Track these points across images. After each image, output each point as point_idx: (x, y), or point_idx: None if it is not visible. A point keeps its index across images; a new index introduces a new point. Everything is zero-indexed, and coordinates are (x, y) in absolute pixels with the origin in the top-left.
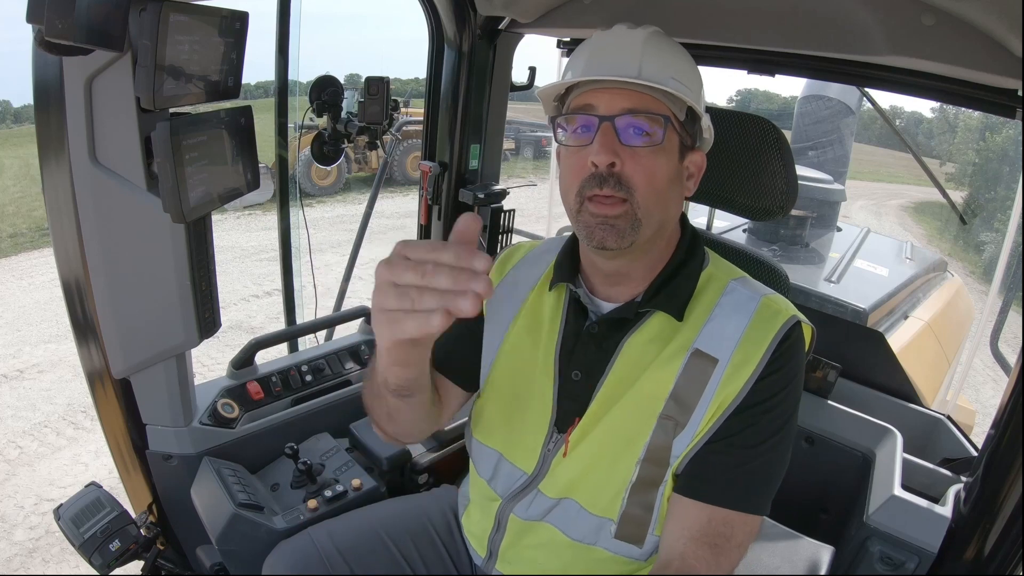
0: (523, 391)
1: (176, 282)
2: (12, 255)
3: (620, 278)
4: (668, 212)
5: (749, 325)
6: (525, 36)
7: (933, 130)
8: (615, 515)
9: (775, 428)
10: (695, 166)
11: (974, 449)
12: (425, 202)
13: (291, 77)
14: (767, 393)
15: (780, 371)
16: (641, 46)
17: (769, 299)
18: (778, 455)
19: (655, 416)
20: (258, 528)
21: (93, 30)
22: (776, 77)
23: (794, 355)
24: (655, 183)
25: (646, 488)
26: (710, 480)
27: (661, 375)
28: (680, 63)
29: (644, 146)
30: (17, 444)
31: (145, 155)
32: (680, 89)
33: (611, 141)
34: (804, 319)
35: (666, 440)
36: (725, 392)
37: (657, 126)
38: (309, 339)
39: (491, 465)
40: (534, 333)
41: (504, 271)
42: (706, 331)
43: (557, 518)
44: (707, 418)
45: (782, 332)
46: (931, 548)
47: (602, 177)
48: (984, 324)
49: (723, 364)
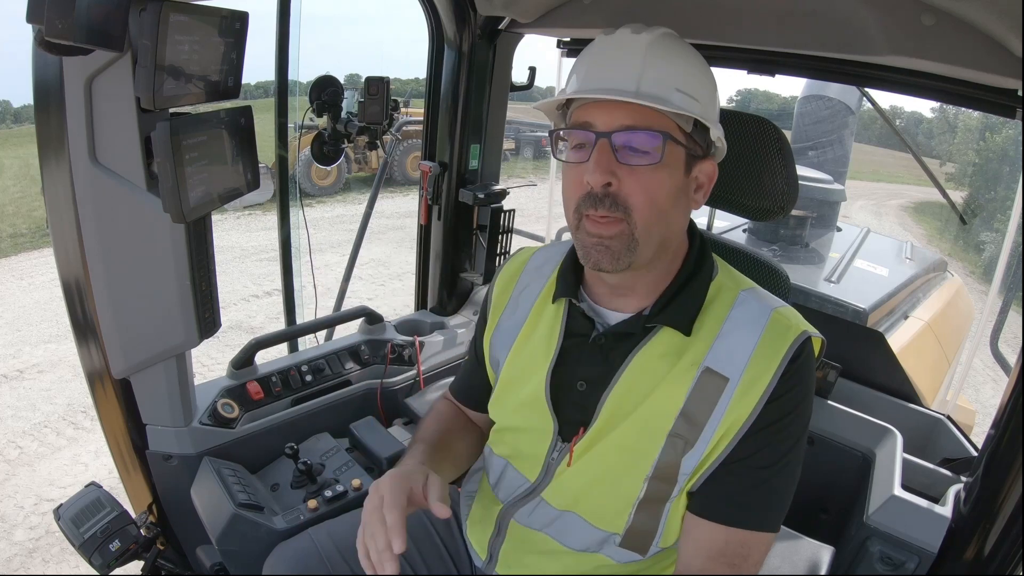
0: (524, 403)
1: (176, 282)
2: (12, 255)
3: (625, 290)
4: (671, 228)
5: (760, 342)
6: (525, 36)
7: (933, 130)
8: (620, 529)
9: (788, 447)
10: (705, 176)
11: (974, 449)
12: (425, 202)
13: (291, 77)
14: (779, 413)
15: (792, 391)
16: (643, 55)
17: (780, 313)
18: (791, 471)
19: (664, 434)
20: (258, 528)
21: (93, 30)
22: (776, 77)
23: (805, 374)
24: (655, 202)
25: (653, 504)
26: (727, 501)
27: (671, 392)
28: (688, 70)
29: (643, 164)
30: (17, 444)
31: (145, 155)
32: (684, 102)
33: (607, 160)
34: (814, 332)
35: (675, 458)
36: (736, 413)
37: (657, 143)
38: (309, 339)
39: (498, 472)
40: (535, 344)
41: (506, 297)
42: (717, 347)
43: (558, 530)
44: (717, 437)
45: (792, 349)
46: (931, 548)
47: (597, 198)
48: (984, 324)
49: (734, 383)
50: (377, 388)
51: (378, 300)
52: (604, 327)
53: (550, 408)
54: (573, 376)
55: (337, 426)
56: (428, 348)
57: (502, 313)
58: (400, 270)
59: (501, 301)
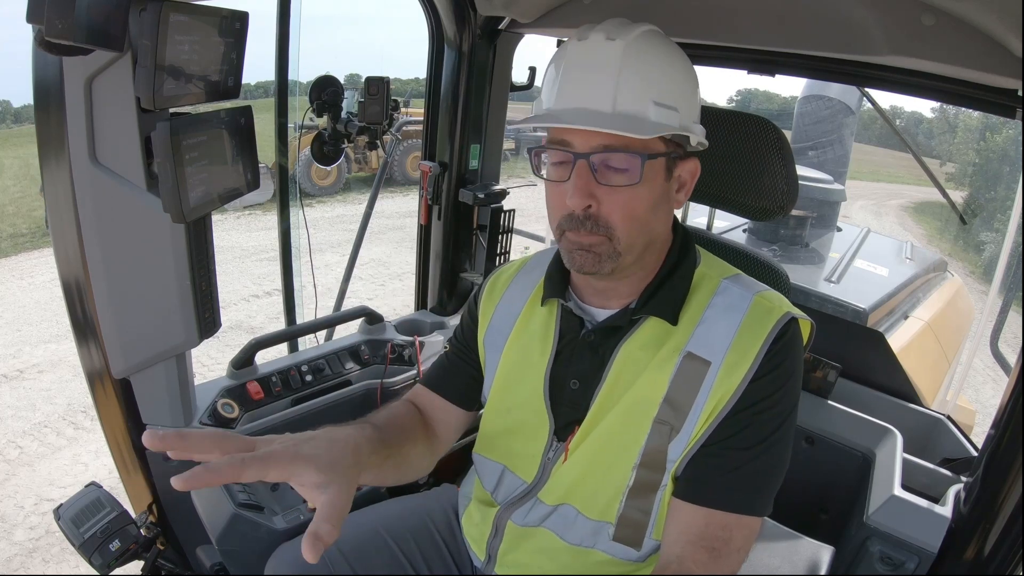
0: (520, 404)
1: (176, 282)
2: (12, 255)
3: (610, 291)
4: (653, 234)
5: (742, 324)
6: (525, 36)
7: (933, 130)
8: (612, 518)
9: (772, 428)
10: (688, 173)
11: (974, 449)
12: (425, 202)
13: (291, 77)
14: (762, 394)
15: (775, 371)
16: (618, 66)
17: (762, 296)
18: (777, 455)
19: (650, 420)
20: (258, 528)
21: (93, 30)
22: (776, 77)
23: (790, 353)
24: (636, 218)
25: (644, 492)
26: (707, 483)
27: (655, 379)
28: (667, 74)
29: (622, 184)
30: (17, 444)
31: (145, 155)
32: (662, 116)
33: (586, 182)
34: (800, 314)
35: (661, 444)
36: (719, 394)
37: (636, 162)
38: (309, 339)
39: (495, 478)
40: (528, 348)
41: (497, 297)
42: (698, 333)
43: (554, 524)
44: (702, 421)
45: (776, 330)
46: (931, 548)
47: (579, 219)
48: (984, 324)
49: (716, 366)
50: (377, 388)
51: (378, 300)
52: (593, 324)
53: (548, 408)
54: (566, 375)
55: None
56: (428, 348)
57: (492, 316)
58: (400, 270)
59: (489, 305)
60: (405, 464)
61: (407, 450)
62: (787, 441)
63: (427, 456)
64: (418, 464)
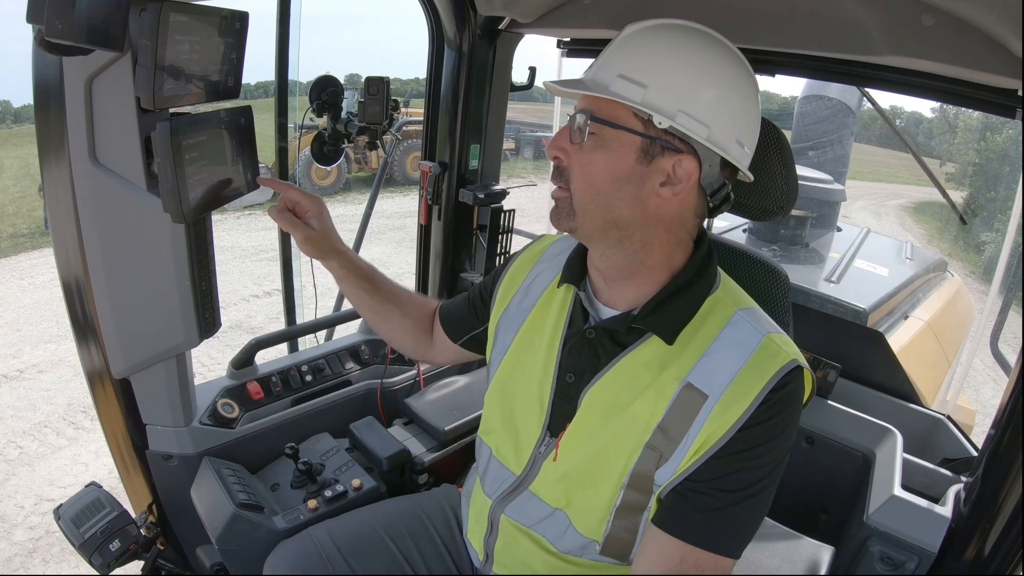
0: (523, 390)
1: (176, 282)
2: (12, 255)
3: (616, 282)
4: (613, 211)
5: (746, 364)
6: (525, 36)
7: (933, 130)
8: (600, 537)
9: (759, 476)
10: (683, 172)
11: (974, 449)
12: (425, 202)
13: (291, 77)
14: (753, 443)
15: (769, 421)
16: (615, 45)
17: (772, 338)
18: (760, 500)
19: (641, 444)
20: (258, 528)
21: (93, 30)
22: (776, 77)
23: (787, 406)
24: (590, 180)
25: (630, 512)
26: (688, 518)
27: (652, 403)
28: (652, 58)
29: (586, 145)
30: (17, 444)
31: (145, 155)
32: (623, 89)
33: (562, 137)
34: (805, 364)
35: (649, 470)
36: (710, 430)
37: (602, 126)
38: (309, 339)
39: (484, 461)
40: (540, 332)
41: (531, 263)
42: (701, 364)
43: (548, 528)
44: (691, 453)
45: (777, 378)
46: (931, 548)
47: (556, 172)
48: (984, 324)
49: (712, 400)
50: (377, 388)
51: None
52: (596, 320)
53: (550, 401)
54: (565, 367)
55: (337, 426)
56: None
57: (512, 296)
58: (400, 270)
59: (513, 283)
60: (381, 313)
61: (389, 308)
62: (772, 488)
63: (407, 333)
64: (388, 325)
